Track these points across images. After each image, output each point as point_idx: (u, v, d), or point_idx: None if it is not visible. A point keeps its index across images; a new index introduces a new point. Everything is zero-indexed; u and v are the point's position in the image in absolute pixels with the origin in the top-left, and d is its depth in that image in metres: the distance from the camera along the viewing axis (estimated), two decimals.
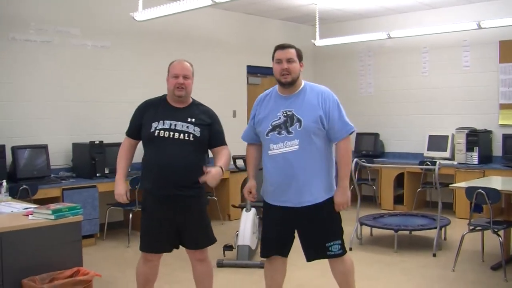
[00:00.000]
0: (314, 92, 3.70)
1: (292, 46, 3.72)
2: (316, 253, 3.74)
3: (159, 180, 3.81)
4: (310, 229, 3.69)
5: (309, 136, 3.58)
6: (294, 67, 3.63)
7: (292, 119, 3.59)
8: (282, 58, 3.65)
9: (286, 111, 3.63)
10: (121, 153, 4.03)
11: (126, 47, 7.68)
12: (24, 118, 6.77)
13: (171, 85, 3.89)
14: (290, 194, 3.62)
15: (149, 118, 3.88)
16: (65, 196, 6.36)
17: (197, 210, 3.92)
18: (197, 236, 3.96)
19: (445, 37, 8.58)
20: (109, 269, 5.68)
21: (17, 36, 6.69)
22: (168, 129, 3.81)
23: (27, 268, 3.75)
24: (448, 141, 8.65)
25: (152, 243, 3.94)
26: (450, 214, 7.92)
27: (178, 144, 3.79)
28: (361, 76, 9.86)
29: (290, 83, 3.65)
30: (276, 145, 3.61)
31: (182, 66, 3.95)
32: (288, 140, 3.59)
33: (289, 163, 3.57)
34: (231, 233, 6.69)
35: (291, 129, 3.58)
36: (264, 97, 3.83)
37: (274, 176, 3.66)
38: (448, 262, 5.67)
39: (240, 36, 9.39)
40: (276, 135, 3.61)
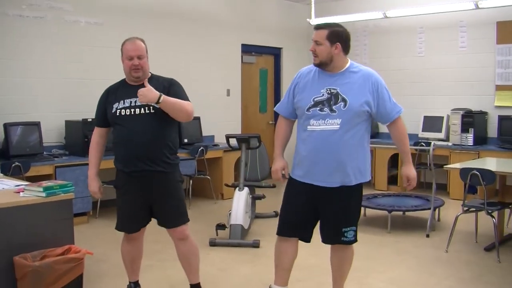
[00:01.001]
0: (362, 74, 3.58)
1: (326, 26, 3.56)
2: (332, 236, 3.68)
3: (126, 157, 3.80)
4: (333, 210, 3.62)
5: (352, 117, 3.49)
6: (320, 50, 3.50)
7: (337, 98, 3.48)
8: (313, 39, 3.56)
9: (331, 89, 3.51)
10: (92, 146, 4.03)
11: (120, 24, 7.58)
12: (17, 95, 6.69)
13: (127, 67, 3.80)
14: (322, 172, 3.54)
15: (111, 101, 3.86)
16: (58, 173, 6.32)
17: (169, 187, 3.87)
18: (170, 214, 3.91)
19: (441, 17, 8.52)
20: (101, 247, 5.66)
21: (9, 12, 6.58)
22: (129, 106, 3.78)
23: (19, 245, 3.73)
24: (443, 122, 8.63)
25: (128, 223, 3.96)
26: (444, 195, 7.93)
27: (140, 119, 3.76)
28: (357, 55, 9.77)
29: (318, 65, 3.56)
30: (317, 121, 3.51)
31: (134, 46, 3.81)
32: (330, 118, 3.48)
33: (326, 141, 3.49)
34: (224, 212, 6.67)
35: (335, 108, 3.48)
36: (307, 71, 3.68)
37: (308, 152, 3.57)
38: (442, 243, 5.68)
39: (235, 15, 9.29)
40: (318, 111, 3.51)
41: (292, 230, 3.72)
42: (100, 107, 3.96)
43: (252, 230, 6.29)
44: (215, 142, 8.56)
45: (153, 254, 5.29)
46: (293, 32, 10.19)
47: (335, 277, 3.89)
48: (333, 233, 3.66)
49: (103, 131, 3.99)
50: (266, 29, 9.76)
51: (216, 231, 5.99)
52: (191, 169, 7.60)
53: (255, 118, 10.06)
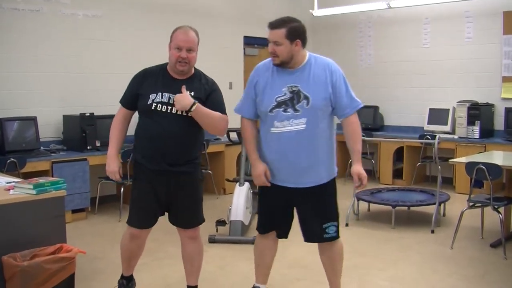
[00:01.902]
0: (320, 65, 3.46)
1: (281, 25, 3.38)
2: (314, 234, 3.58)
3: (152, 155, 3.60)
4: (309, 209, 3.55)
5: (316, 114, 3.37)
6: (280, 50, 3.35)
7: (299, 96, 3.36)
8: (269, 39, 3.42)
9: (292, 87, 3.39)
10: (114, 125, 3.76)
11: (119, 17, 7.46)
12: (13, 90, 6.58)
13: (173, 57, 3.55)
14: (292, 174, 3.45)
15: (148, 88, 3.60)
16: (55, 169, 6.21)
17: (190, 186, 3.72)
18: (189, 215, 3.78)
19: (447, 8, 8.36)
20: (98, 244, 5.56)
21: (4, 5, 6.46)
22: (166, 103, 3.54)
23: (8, 244, 3.63)
24: (449, 115, 8.47)
25: (142, 217, 3.74)
26: (450, 189, 7.79)
27: (174, 119, 3.54)
28: (361, 47, 9.63)
29: (279, 65, 3.42)
30: (281, 123, 3.38)
31: (186, 37, 3.56)
32: (295, 118, 3.36)
33: (293, 142, 3.38)
34: (225, 207, 6.54)
35: (298, 107, 3.35)
36: (265, 68, 3.53)
37: (276, 155, 3.46)
38: (447, 239, 5.54)
39: (237, 6, 9.15)
40: (282, 112, 3.37)
41: (270, 226, 3.68)
42: (132, 89, 3.69)
43: (253, 225, 6.15)
44: (217, 136, 8.42)
45: (148, 253, 5.16)
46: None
47: (329, 276, 3.77)
48: (314, 231, 3.57)
49: (128, 113, 3.76)
50: (268, 20, 9.48)
51: (216, 227, 5.88)
52: None
53: None
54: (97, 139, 6.71)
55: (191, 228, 3.81)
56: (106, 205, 7.00)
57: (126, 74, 3.94)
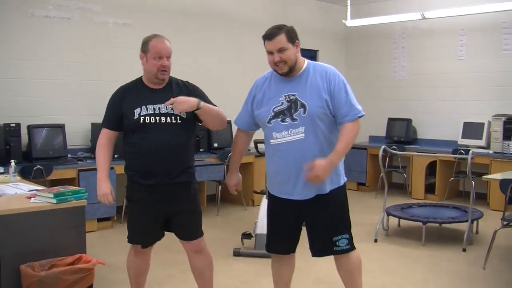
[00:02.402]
0: (318, 72, 3.34)
1: (279, 31, 3.30)
2: (323, 248, 3.44)
3: (149, 169, 3.48)
4: (317, 221, 3.40)
5: (314, 122, 3.25)
6: (287, 55, 3.26)
7: (296, 104, 3.26)
8: (272, 50, 3.29)
9: (289, 95, 3.29)
10: (100, 148, 3.64)
11: (149, 25, 7.42)
12: (42, 97, 6.62)
13: (154, 67, 3.51)
14: (296, 186, 3.32)
15: (130, 105, 3.52)
16: (81, 177, 6.20)
17: (189, 196, 3.63)
18: (190, 226, 3.68)
19: (483, 18, 8.15)
20: (122, 253, 5.41)
21: (36, 13, 6.52)
22: (153, 114, 3.47)
23: (26, 253, 3.62)
24: (484, 129, 8.23)
25: (142, 235, 3.68)
26: (484, 205, 7.55)
27: (165, 128, 3.47)
28: (394, 59, 9.47)
29: (288, 73, 3.31)
30: (280, 134, 3.29)
31: (165, 45, 3.54)
32: (293, 127, 3.26)
33: (294, 152, 3.28)
34: (252, 219, 6.43)
35: (296, 116, 3.26)
36: (263, 80, 3.48)
37: (278, 167, 3.36)
38: (479, 259, 5.32)
39: (269, 16, 9.05)
40: (280, 123, 3.29)
41: (282, 245, 3.55)
42: (114, 109, 3.60)
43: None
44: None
45: (175, 264, 5.11)
46: (329, 34, 9.93)
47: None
48: (323, 244, 3.42)
49: (112, 134, 3.64)
50: (301, 30, 9.29)
51: (241, 240, 5.78)
52: (220, 174, 7.39)
53: None
54: None
55: (194, 240, 3.69)
56: None
57: None
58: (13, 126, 6.02)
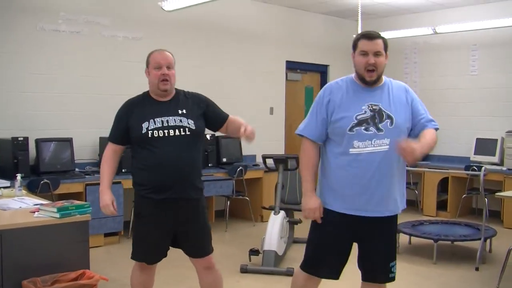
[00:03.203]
0: (397, 86, 3.25)
1: (379, 35, 3.20)
2: (380, 273, 3.23)
3: (158, 184, 3.43)
4: (380, 244, 3.21)
5: (399, 136, 3.07)
6: (381, 62, 3.14)
7: (381, 115, 3.10)
8: (368, 51, 3.13)
9: (372, 105, 3.12)
10: (105, 160, 3.62)
11: (159, 39, 7.42)
12: (50, 110, 6.61)
13: (154, 77, 3.51)
14: (369, 201, 3.11)
15: (136, 119, 3.49)
16: (88, 191, 6.15)
17: (200, 213, 3.57)
18: (201, 243, 3.62)
19: (495, 34, 8.08)
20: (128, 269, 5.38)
21: (45, 27, 6.52)
22: (161, 127, 3.43)
23: (29, 268, 3.56)
24: (497, 145, 8.12)
25: (151, 253, 3.61)
26: (498, 223, 7.42)
27: (174, 141, 3.43)
28: (406, 74, 9.39)
29: (375, 81, 3.16)
30: (362, 143, 3.08)
31: (163, 55, 3.55)
32: (378, 138, 3.08)
33: (375, 165, 3.07)
34: (261, 235, 6.34)
35: (381, 126, 3.08)
36: (338, 86, 3.26)
37: (355, 179, 3.11)
38: (493, 278, 5.19)
39: (279, 30, 9.04)
40: (363, 131, 3.08)
41: (328, 270, 3.29)
42: (120, 123, 3.57)
43: (288, 256, 5.96)
44: (256, 162, 8.28)
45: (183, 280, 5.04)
46: (340, 49, 9.85)
47: None
48: (381, 270, 3.23)
49: (118, 148, 3.62)
50: (311, 45, 9.48)
51: (249, 256, 5.70)
52: (229, 190, 7.32)
53: (300, 138, 9.71)
54: None
55: (205, 257, 3.63)
56: None
57: None
58: (21, 140, 5.99)
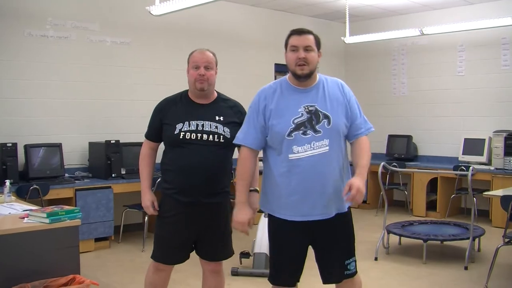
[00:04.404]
0: (333, 84, 3.20)
1: (311, 31, 3.17)
2: (337, 273, 3.20)
3: (186, 186, 3.41)
4: (332, 243, 3.18)
5: (338, 134, 3.07)
6: (312, 56, 3.09)
7: (318, 116, 3.05)
8: (298, 45, 3.11)
9: (308, 106, 3.07)
10: (143, 158, 3.65)
11: (147, 44, 7.44)
12: (39, 116, 6.59)
13: (192, 77, 3.51)
14: (317, 204, 3.06)
15: (173, 118, 3.47)
16: (78, 196, 6.14)
17: (221, 218, 3.54)
18: (218, 248, 3.60)
19: (482, 34, 8.13)
20: (119, 274, 5.44)
21: (33, 32, 6.51)
22: (195, 130, 3.41)
23: (19, 274, 3.53)
24: (485, 145, 8.17)
25: (169, 253, 3.56)
26: (486, 222, 7.47)
27: (206, 147, 3.39)
28: (394, 75, 9.44)
29: (306, 76, 3.09)
30: (302, 147, 3.03)
31: (203, 55, 3.54)
32: (316, 140, 3.03)
33: (317, 167, 3.03)
34: (251, 238, 6.35)
35: (318, 127, 3.04)
36: (272, 90, 3.17)
37: (297, 186, 3.05)
38: (481, 277, 5.23)
39: (267, 33, 9.06)
40: (301, 135, 3.03)
41: (291, 277, 3.25)
42: (155, 122, 3.57)
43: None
44: None
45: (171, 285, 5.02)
46: (328, 51, 9.79)
47: None
48: (338, 270, 3.21)
49: (154, 145, 3.64)
50: None
51: (239, 259, 5.69)
52: None
53: None
54: (122, 167, 6.64)
55: (216, 262, 3.63)
56: (130, 234, 6.88)
57: (153, 102, 3.76)
58: (9, 145, 5.97)
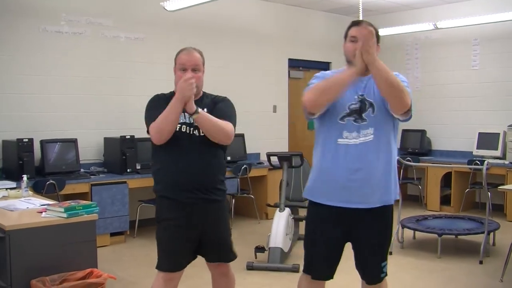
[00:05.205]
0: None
1: (370, 23, 3.11)
2: (374, 276, 3.15)
3: (180, 183, 3.29)
4: (371, 241, 3.11)
5: (382, 123, 3.03)
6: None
7: (365, 104, 3.02)
8: (358, 36, 3.04)
9: (359, 95, 3.05)
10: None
11: (161, 39, 7.47)
12: (55, 112, 6.64)
13: (179, 79, 3.29)
14: (359, 192, 3.01)
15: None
16: (94, 191, 6.19)
17: (222, 216, 3.48)
18: (221, 248, 3.51)
19: (496, 28, 8.09)
20: (134, 268, 5.49)
21: (48, 28, 6.55)
22: (190, 123, 3.29)
23: (37, 268, 3.60)
24: (500, 139, 8.14)
25: (175, 260, 3.37)
26: (501, 216, 7.45)
27: (198, 141, 3.31)
28: (408, 70, 9.41)
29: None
30: (351, 134, 3.00)
31: (190, 57, 3.37)
32: (363, 128, 3.00)
33: (363, 155, 2.99)
34: (266, 233, 6.37)
35: (365, 116, 3.01)
36: (330, 73, 3.16)
37: (341, 170, 3.01)
38: (496, 271, 5.23)
39: (281, 28, 9.06)
40: (352, 122, 3.01)
41: (328, 270, 3.18)
42: (157, 109, 3.28)
43: (293, 252, 5.99)
44: (260, 160, 8.31)
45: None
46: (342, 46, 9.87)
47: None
48: (374, 272, 3.15)
49: None
50: (313, 43, 9.50)
51: (255, 253, 5.73)
52: (234, 188, 7.37)
53: (303, 136, 9.78)
54: (137, 162, 6.67)
55: (223, 263, 3.55)
56: (145, 229, 6.92)
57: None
58: (26, 141, 6.02)
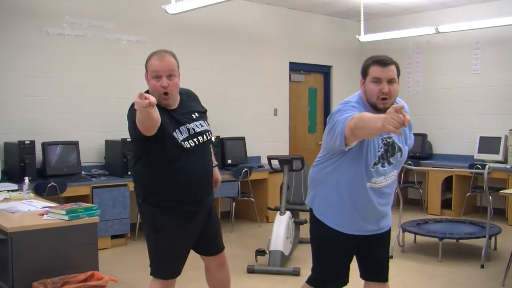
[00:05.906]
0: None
1: (392, 60, 2.96)
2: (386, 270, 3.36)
3: (188, 197, 3.24)
4: (380, 255, 3.30)
5: (402, 162, 3.09)
6: (395, 89, 2.92)
7: (394, 148, 2.99)
8: (382, 78, 2.90)
9: (386, 138, 2.96)
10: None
11: (163, 42, 7.41)
12: (56, 114, 6.65)
13: (154, 89, 3.11)
14: (375, 221, 3.14)
15: (165, 127, 3.11)
16: (95, 194, 6.19)
17: (213, 212, 3.57)
18: (218, 240, 3.61)
19: (498, 32, 8.09)
20: (135, 271, 5.48)
21: (50, 30, 6.57)
22: (189, 136, 3.18)
23: (39, 270, 3.60)
24: (501, 143, 8.14)
25: (176, 266, 3.35)
26: (502, 221, 7.44)
27: (202, 149, 3.27)
28: (409, 74, 9.41)
29: (385, 110, 2.78)
30: (378, 179, 3.00)
31: (163, 62, 3.11)
32: (389, 171, 3.02)
33: (384, 194, 3.10)
34: (266, 236, 6.37)
35: (392, 160, 3.00)
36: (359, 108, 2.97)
37: (365, 207, 3.07)
38: (498, 275, 5.22)
39: (282, 32, 9.08)
40: (380, 168, 2.98)
41: (340, 282, 3.28)
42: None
43: (294, 256, 5.99)
44: (261, 163, 8.31)
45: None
46: (342, 49, 9.90)
47: None
48: (386, 269, 3.34)
49: None
50: (314, 46, 9.52)
51: (255, 257, 5.72)
52: (234, 191, 7.35)
53: (304, 139, 9.78)
54: None
55: (219, 254, 3.61)
56: None
57: None
58: (27, 143, 6.02)
